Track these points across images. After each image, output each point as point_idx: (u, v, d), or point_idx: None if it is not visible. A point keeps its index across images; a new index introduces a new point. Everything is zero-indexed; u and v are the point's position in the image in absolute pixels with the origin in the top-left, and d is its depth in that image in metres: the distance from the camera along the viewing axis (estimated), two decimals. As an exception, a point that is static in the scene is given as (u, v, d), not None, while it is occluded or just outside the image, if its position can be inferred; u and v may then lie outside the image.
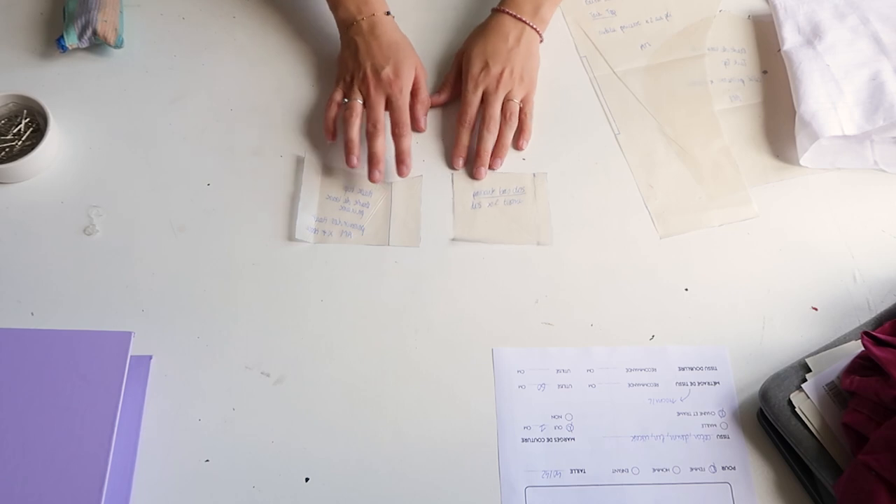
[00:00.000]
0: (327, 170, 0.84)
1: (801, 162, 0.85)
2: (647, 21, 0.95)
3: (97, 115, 0.87)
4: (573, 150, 0.86)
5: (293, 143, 0.86)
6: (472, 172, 0.84)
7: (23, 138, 0.83)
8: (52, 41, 0.89)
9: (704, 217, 0.83)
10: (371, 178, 0.82)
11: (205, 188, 0.83)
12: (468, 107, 0.85)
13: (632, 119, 0.89)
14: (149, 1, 0.94)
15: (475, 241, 0.80)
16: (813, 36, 0.90)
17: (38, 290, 0.77)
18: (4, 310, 0.76)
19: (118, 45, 0.88)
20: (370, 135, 0.83)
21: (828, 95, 0.85)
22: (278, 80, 0.90)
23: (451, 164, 0.85)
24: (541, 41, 0.88)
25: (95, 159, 0.84)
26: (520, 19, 0.86)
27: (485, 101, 0.85)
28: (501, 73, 0.85)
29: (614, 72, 0.92)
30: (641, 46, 0.93)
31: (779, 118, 0.88)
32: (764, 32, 0.94)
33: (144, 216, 0.81)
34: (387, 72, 0.83)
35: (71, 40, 0.86)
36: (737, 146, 0.87)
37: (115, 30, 0.88)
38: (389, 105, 0.84)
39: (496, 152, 0.84)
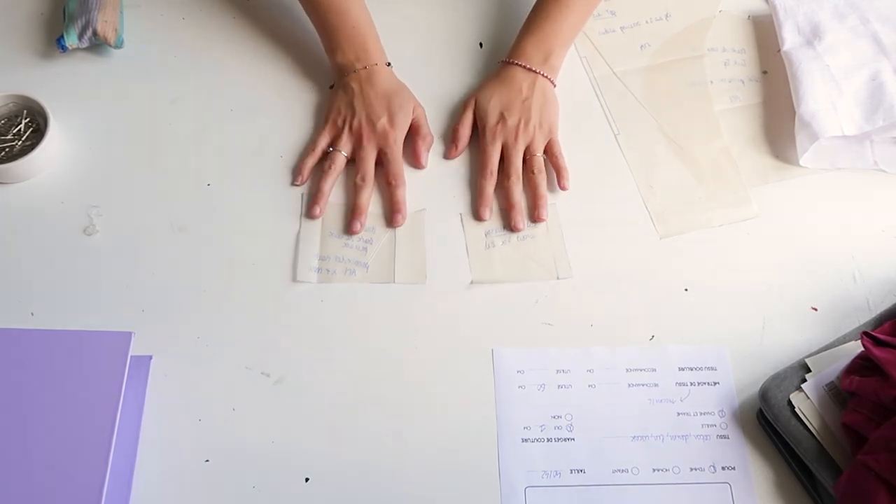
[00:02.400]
0: (329, 206, 0.82)
1: (801, 162, 0.85)
2: (646, 21, 0.95)
3: (97, 115, 0.86)
4: (573, 150, 0.86)
5: (293, 144, 0.86)
6: (511, 225, 0.80)
7: (23, 138, 0.83)
8: (52, 41, 0.89)
9: (704, 217, 0.83)
10: (352, 229, 0.79)
11: (205, 188, 0.83)
12: (488, 159, 0.82)
13: (632, 119, 0.88)
14: (149, 1, 0.94)
15: (493, 282, 0.78)
16: (813, 36, 0.90)
17: (38, 290, 0.77)
18: (4, 310, 0.76)
19: (118, 45, 0.88)
20: (357, 188, 0.81)
21: (828, 96, 0.85)
22: (278, 79, 0.90)
23: (477, 216, 0.81)
24: (554, 87, 0.87)
25: (95, 159, 0.84)
26: (530, 69, 0.85)
27: (505, 153, 0.83)
28: (518, 125, 0.83)
29: (614, 72, 0.92)
30: (641, 47, 0.93)
31: (779, 118, 0.88)
32: (764, 33, 0.94)
33: (144, 216, 0.81)
34: (382, 122, 0.82)
35: (71, 40, 0.86)
36: (737, 146, 0.87)
37: (115, 30, 0.88)
38: (383, 157, 0.82)
39: (537, 203, 0.81)
